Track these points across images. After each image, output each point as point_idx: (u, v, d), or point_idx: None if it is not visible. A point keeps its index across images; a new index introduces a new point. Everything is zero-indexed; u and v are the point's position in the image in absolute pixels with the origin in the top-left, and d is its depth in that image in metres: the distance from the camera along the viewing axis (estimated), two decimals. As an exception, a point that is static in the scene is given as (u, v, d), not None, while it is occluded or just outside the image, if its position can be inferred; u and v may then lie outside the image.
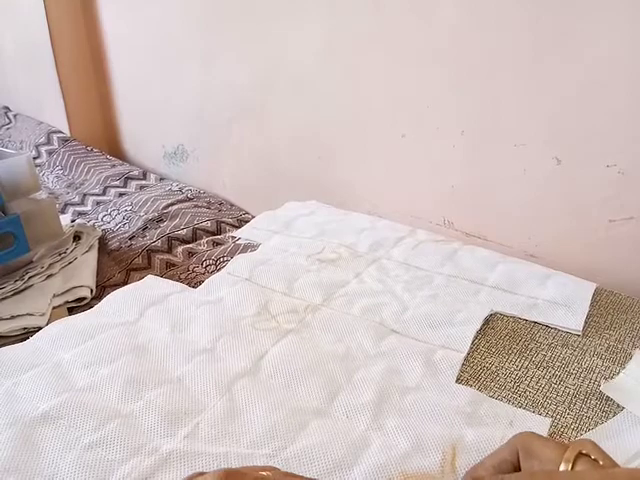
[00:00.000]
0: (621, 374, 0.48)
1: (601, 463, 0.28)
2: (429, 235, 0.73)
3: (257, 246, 0.72)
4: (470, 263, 0.65)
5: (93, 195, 1.11)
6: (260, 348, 0.49)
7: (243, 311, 0.55)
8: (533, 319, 0.55)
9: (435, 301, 0.58)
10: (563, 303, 0.57)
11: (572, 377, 0.48)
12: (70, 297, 0.69)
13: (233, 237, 0.79)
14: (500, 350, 0.52)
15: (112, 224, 0.95)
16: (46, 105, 1.42)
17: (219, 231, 0.92)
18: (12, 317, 0.63)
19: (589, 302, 0.57)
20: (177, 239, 0.86)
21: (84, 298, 0.70)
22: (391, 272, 0.64)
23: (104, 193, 1.11)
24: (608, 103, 0.62)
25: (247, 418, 0.41)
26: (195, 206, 0.99)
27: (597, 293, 0.60)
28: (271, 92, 0.98)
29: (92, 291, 0.71)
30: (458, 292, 0.59)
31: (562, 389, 0.46)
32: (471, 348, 0.51)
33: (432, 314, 0.55)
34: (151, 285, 0.60)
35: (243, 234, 0.77)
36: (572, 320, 0.55)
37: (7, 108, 1.57)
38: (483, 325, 0.54)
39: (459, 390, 0.45)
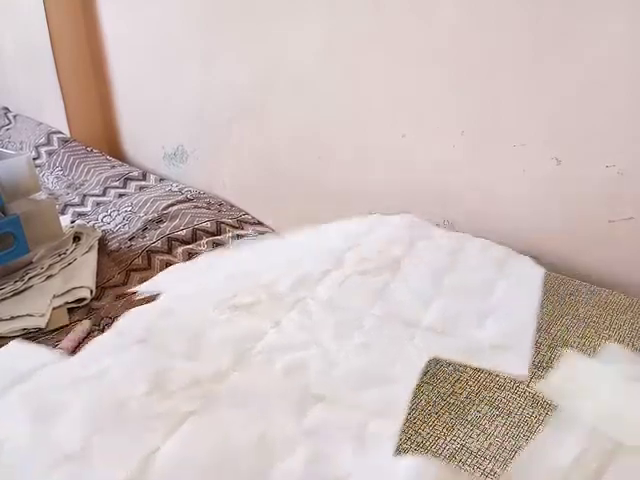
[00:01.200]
0: (551, 372, 0.47)
1: None
2: (357, 265, 0.64)
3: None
4: (403, 297, 0.58)
5: (93, 196, 1.11)
6: (149, 445, 0.38)
7: (130, 389, 0.44)
8: (476, 364, 0.49)
9: (367, 351, 0.50)
10: (504, 345, 0.50)
11: (572, 378, 0.48)
12: (70, 298, 0.69)
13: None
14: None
15: (112, 225, 0.95)
16: (46, 106, 1.42)
17: (219, 232, 0.92)
18: (12, 318, 0.63)
19: (531, 342, 0.51)
20: (177, 240, 0.86)
21: (84, 299, 0.70)
22: (314, 316, 0.55)
23: (104, 194, 1.11)
24: (608, 103, 0.62)
25: None
26: (195, 207, 0.99)
27: (596, 293, 0.60)
28: (271, 92, 0.98)
29: (92, 292, 0.71)
30: (391, 336, 0.52)
31: (562, 390, 0.46)
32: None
33: (364, 369, 0.47)
34: (16, 355, 0.47)
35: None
36: (515, 364, 0.48)
37: (7, 109, 1.57)
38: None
39: (397, 466, 0.38)
